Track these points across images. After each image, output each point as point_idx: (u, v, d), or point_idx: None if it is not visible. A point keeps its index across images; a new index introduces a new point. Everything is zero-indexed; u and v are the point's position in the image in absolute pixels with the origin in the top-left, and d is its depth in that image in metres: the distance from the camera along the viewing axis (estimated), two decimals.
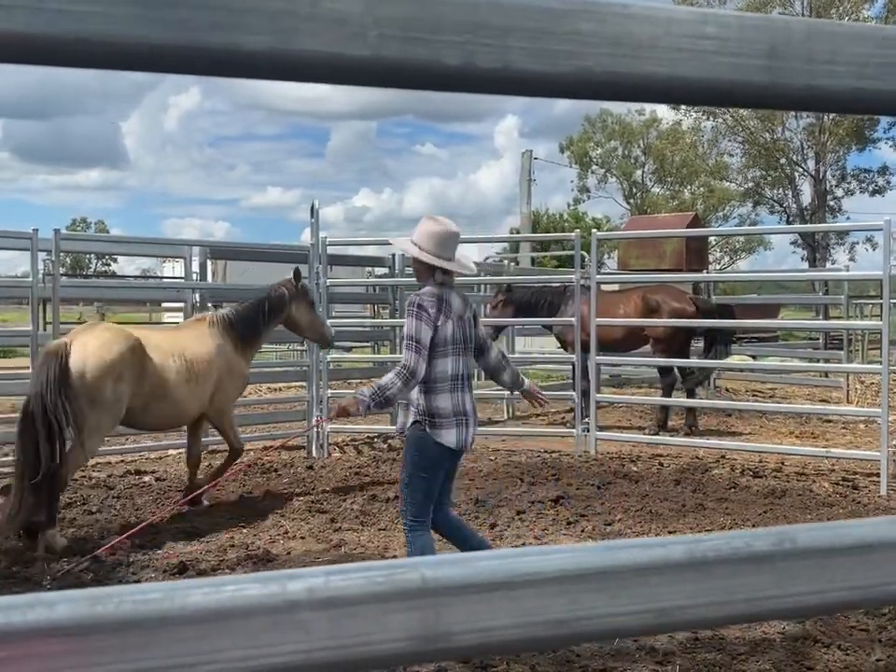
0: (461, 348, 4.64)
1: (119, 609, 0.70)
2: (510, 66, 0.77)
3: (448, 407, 4.56)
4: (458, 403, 4.59)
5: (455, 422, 4.57)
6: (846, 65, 0.84)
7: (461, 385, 4.63)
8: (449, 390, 4.57)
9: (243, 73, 0.74)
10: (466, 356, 4.69)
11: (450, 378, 4.58)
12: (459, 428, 4.58)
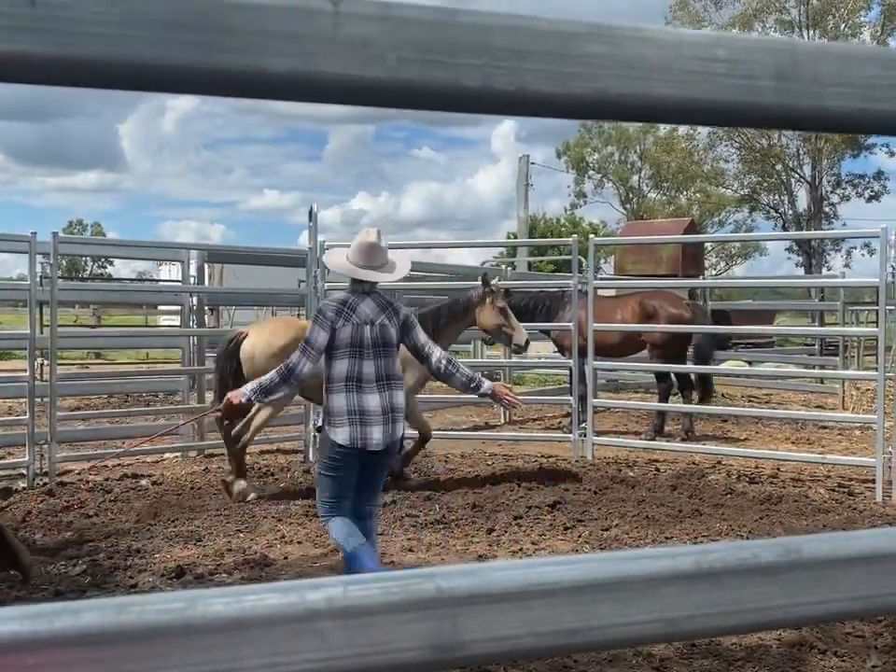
0: (365, 351, 4.90)
1: (142, 617, 0.71)
2: (525, 88, 0.79)
3: (342, 406, 4.83)
4: (354, 403, 4.83)
5: (348, 420, 4.81)
6: (852, 87, 0.86)
7: (359, 385, 4.86)
8: (344, 390, 4.84)
9: (265, 94, 0.75)
10: (372, 358, 4.92)
11: (345, 379, 4.86)
12: (353, 427, 4.80)
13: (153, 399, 14.51)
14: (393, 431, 4.91)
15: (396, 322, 5.04)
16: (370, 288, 5.07)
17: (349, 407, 4.83)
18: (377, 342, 4.95)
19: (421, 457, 9.95)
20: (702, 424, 12.32)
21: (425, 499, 7.80)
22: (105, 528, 6.85)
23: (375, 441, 4.85)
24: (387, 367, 4.97)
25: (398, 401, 4.97)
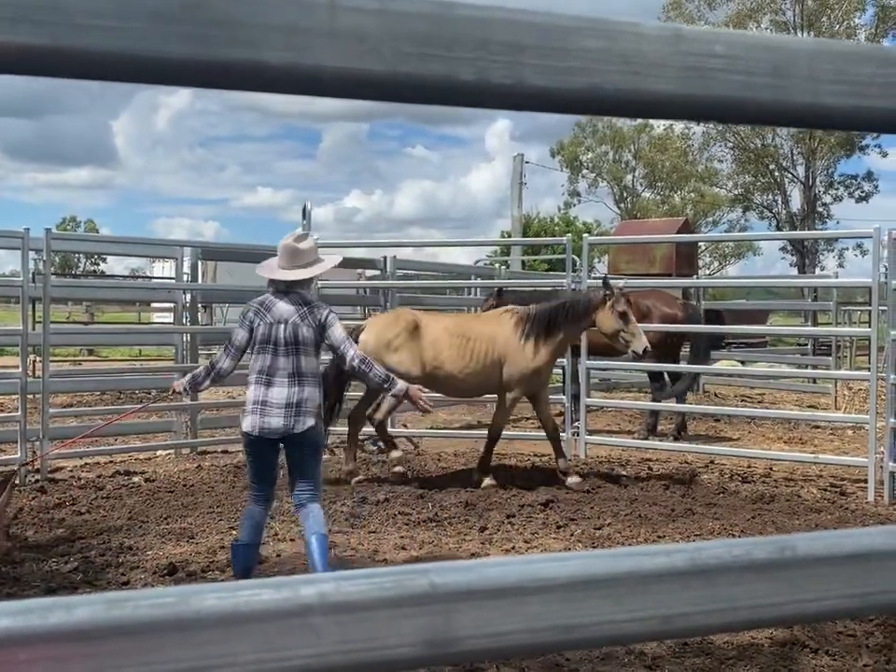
0: (278, 348, 5.23)
1: (135, 612, 0.71)
2: (522, 82, 0.78)
3: (250, 397, 5.24)
4: (260, 394, 5.19)
5: (251, 410, 5.20)
6: (848, 84, 0.86)
7: (269, 379, 5.21)
8: (255, 383, 5.23)
9: (261, 87, 0.75)
10: (283, 354, 5.22)
11: (258, 372, 5.25)
12: (255, 416, 5.18)
13: (146, 395, 14.49)
14: (296, 423, 5.15)
15: (311, 321, 5.28)
16: (285, 288, 5.35)
17: (255, 398, 5.20)
18: (290, 339, 5.23)
19: (414, 456, 9.96)
20: (694, 423, 12.34)
21: (417, 497, 7.80)
22: (96, 525, 6.84)
23: (272, 430, 5.14)
24: (299, 363, 5.23)
25: (306, 396, 5.21)
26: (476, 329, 8.40)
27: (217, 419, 11.35)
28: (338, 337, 5.32)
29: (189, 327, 10.56)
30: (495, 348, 8.25)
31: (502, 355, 8.25)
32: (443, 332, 8.34)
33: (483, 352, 8.24)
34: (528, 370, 8.23)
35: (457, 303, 19.22)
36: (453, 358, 8.25)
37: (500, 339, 8.27)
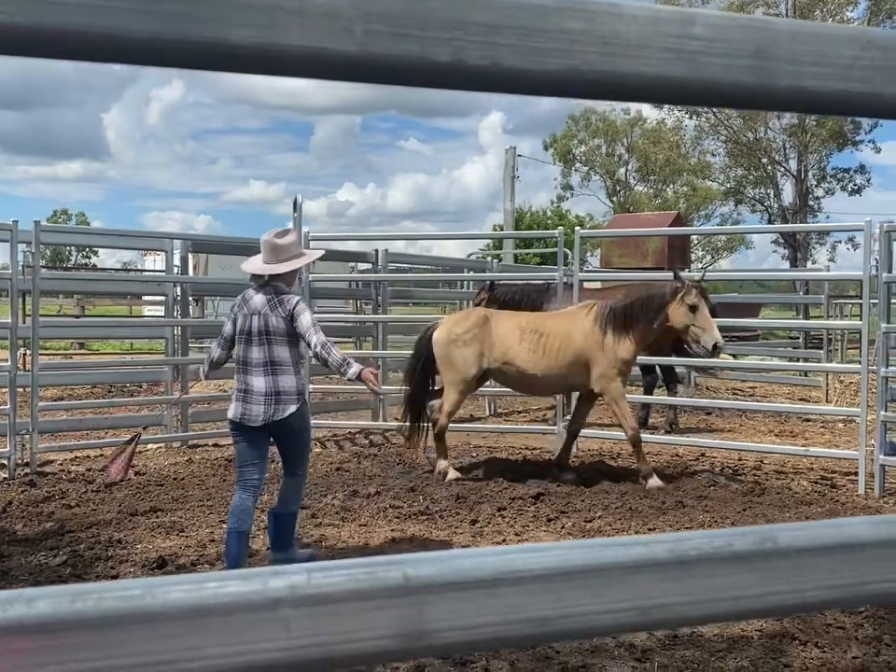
0: (253, 338, 5.48)
1: (99, 605, 0.69)
2: (498, 63, 0.77)
3: (235, 385, 5.53)
4: (242, 381, 5.47)
5: (236, 397, 5.49)
6: (831, 67, 0.85)
7: (246, 368, 5.48)
8: (237, 371, 5.52)
9: (230, 67, 0.73)
10: (258, 344, 5.47)
11: (238, 362, 5.54)
12: (238, 403, 5.46)
13: (137, 389, 14.45)
14: (276, 411, 5.40)
15: (281, 311, 5.49)
16: (263, 282, 5.62)
17: (237, 386, 5.50)
18: (262, 330, 5.47)
19: (405, 449, 9.95)
20: (686, 416, 12.35)
21: (408, 491, 7.79)
22: (86, 519, 6.81)
23: (253, 417, 5.42)
24: (272, 353, 5.46)
25: (283, 385, 5.44)
26: (550, 326, 8.26)
27: (207, 413, 11.31)
28: (303, 325, 5.49)
29: (179, 320, 10.51)
30: (571, 345, 8.10)
31: (582, 352, 8.09)
32: (515, 328, 8.26)
33: (557, 348, 8.10)
34: (618, 365, 8.07)
35: (449, 297, 19.21)
36: (524, 354, 8.15)
37: (578, 335, 8.12)
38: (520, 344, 8.18)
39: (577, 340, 8.09)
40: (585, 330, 8.09)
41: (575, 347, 8.08)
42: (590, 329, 8.08)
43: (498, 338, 8.25)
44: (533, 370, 8.15)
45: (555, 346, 8.10)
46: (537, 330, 8.19)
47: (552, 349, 8.11)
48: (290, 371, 5.48)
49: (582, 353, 8.07)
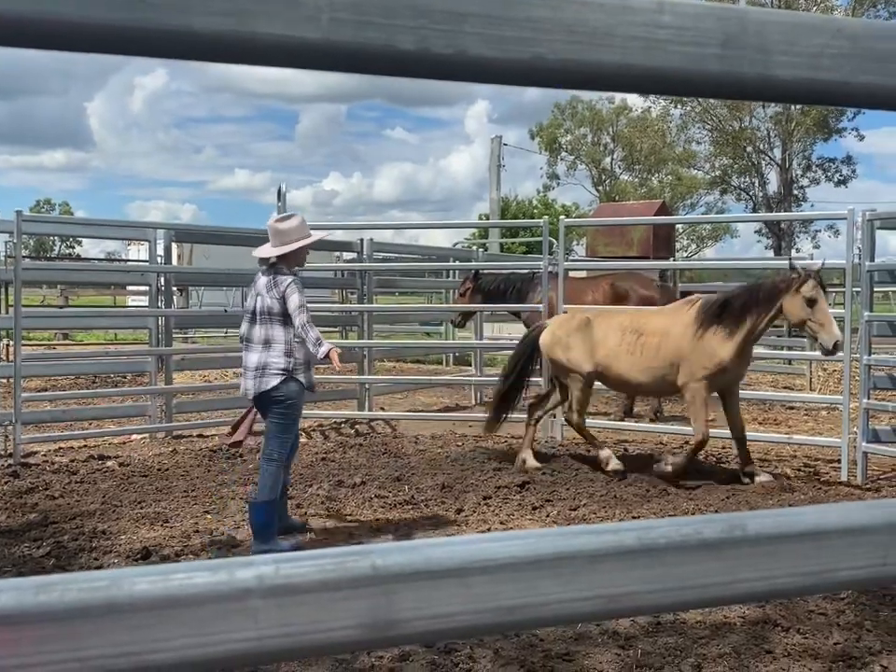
0: (255, 317, 5.93)
1: (64, 597, 0.69)
2: (464, 52, 0.76)
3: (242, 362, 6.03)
4: (244, 358, 5.95)
5: (243, 374, 5.99)
6: (800, 56, 0.85)
7: (248, 345, 5.95)
8: (243, 349, 6.01)
9: (195, 55, 0.72)
10: (258, 323, 5.90)
11: (243, 339, 6.04)
12: (243, 379, 6.01)
13: (121, 380, 14.40)
14: (259, 384, 5.82)
15: (276, 293, 5.87)
16: (266, 265, 6.05)
17: (243, 363, 6.01)
18: (262, 310, 5.90)
19: (391, 438, 9.96)
20: (670, 405, 12.39)
21: (394, 480, 7.80)
22: (70, 510, 6.79)
23: (247, 391, 5.94)
24: (267, 331, 5.86)
25: (271, 360, 5.81)
26: (651, 324, 7.83)
27: (191, 403, 11.28)
28: (291, 306, 5.84)
29: (162, 310, 10.47)
30: (669, 343, 7.62)
31: (677, 350, 7.59)
32: (615, 329, 7.93)
33: (655, 348, 7.66)
34: (709, 365, 7.47)
35: (435, 286, 19.21)
36: (622, 356, 7.82)
37: (674, 333, 7.62)
38: (619, 346, 7.85)
39: (675, 338, 7.60)
40: (684, 327, 7.56)
41: (673, 346, 7.60)
42: (689, 326, 7.53)
43: (599, 340, 7.98)
44: (630, 372, 7.83)
45: (653, 346, 7.68)
46: (637, 330, 7.81)
47: (650, 349, 7.70)
48: (281, 350, 5.82)
49: (680, 351, 7.57)
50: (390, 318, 16.07)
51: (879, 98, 0.89)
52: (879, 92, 0.87)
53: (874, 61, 0.86)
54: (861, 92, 0.87)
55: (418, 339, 19.50)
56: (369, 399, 11.42)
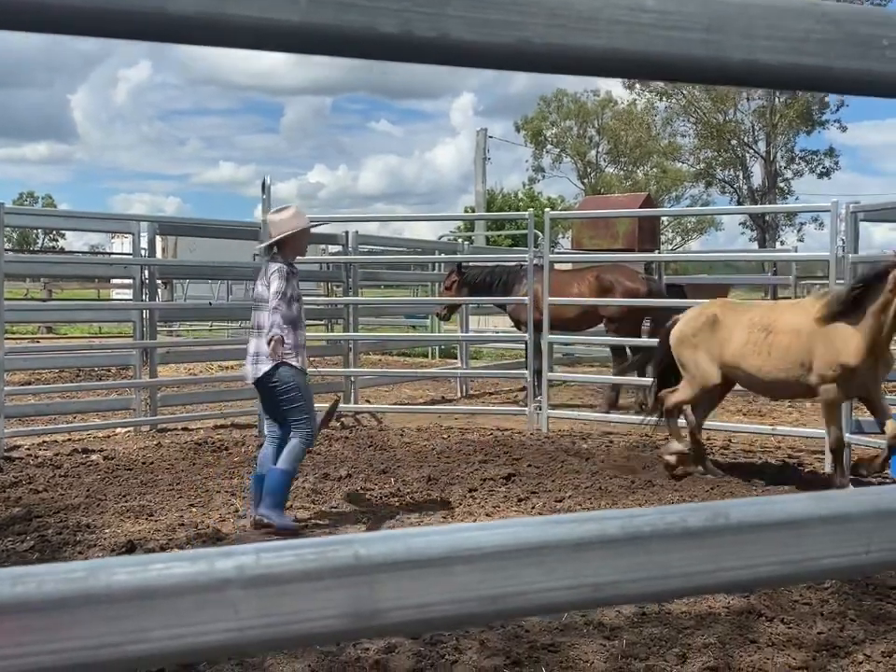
0: (255, 305, 6.28)
1: (40, 588, 0.68)
2: (447, 35, 0.75)
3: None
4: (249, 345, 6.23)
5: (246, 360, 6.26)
6: (785, 41, 0.84)
7: (251, 332, 6.29)
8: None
9: (171, 37, 0.71)
10: (256, 310, 6.23)
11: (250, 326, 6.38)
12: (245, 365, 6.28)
13: (105, 373, 14.32)
14: (255, 370, 6.08)
15: (266, 280, 6.14)
16: (270, 254, 6.31)
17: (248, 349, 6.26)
18: (256, 297, 6.28)
19: (377, 431, 9.95)
20: None
21: (380, 473, 7.79)
22: (54, 504, 6.75)
23: (248, 376, 6.24)
24: (260, 318, 6.13)
25: (262, 346, 6.03)
26: (781, 321, 7.08)
27: (176, 396, 11.24)
28: (270, 291, 6.07)
29: (146, 303, 10.42)
30: (799, 342, 6.86)
31: (809, 349, 6.83)
32: (743, 326, 7.21)
33: (785, 347, 6.92)
34: (838, 366, 6.72)
35: (420, 279, 19.19)
36: (748, 356, 7.13)
37: (805, 330, 6.85)
38: (745, 346, 7.16)
39: (805, 336, 6.86)
40: (812, 324, 6.82)
41: (803, 345, 6.86)
42: (816, 322, 6.79)
43: (724, 338, 7.32)
44: (758, 373, 7.15)
45: (783, 345, 6.95)
46: (766, 328, 7.08)
47: (779, 348, 6.97)
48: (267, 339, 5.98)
49: (811, 351, 6.82)
50: (376, 311, 16.05)
51: (862, 84, 0.88)
52: (863, 78, 0.87)
53: (858, 46, 0.86)
54: (844, 78, 0.87)
55: (404, 332, 19.50)
56: (354, 391, 11.41)
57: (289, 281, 6.10)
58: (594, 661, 4.10)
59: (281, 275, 6.06)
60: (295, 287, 6.22)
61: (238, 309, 16.72)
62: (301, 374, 6.14)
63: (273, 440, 6.32)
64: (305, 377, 6.27)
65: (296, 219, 6.23)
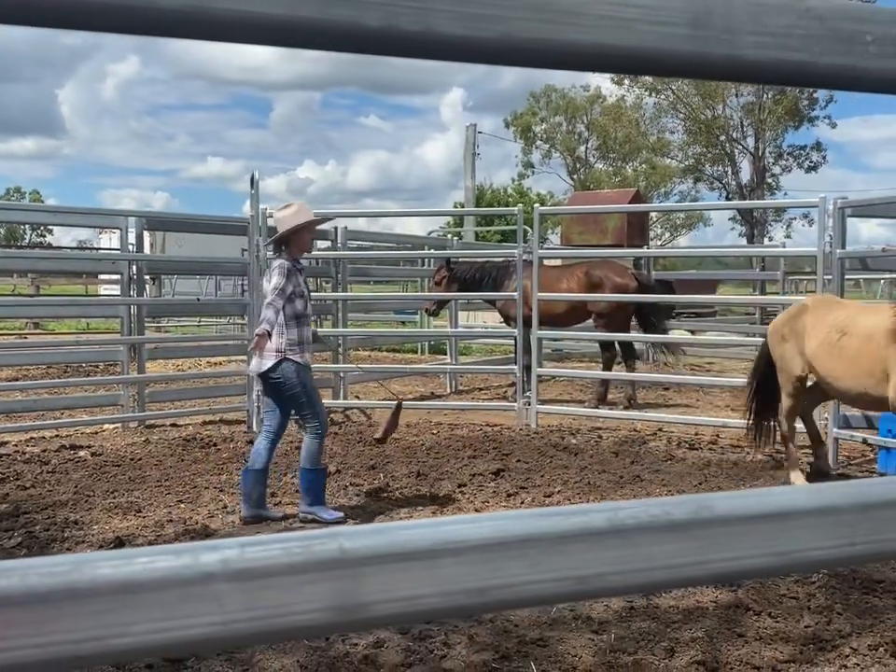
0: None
1: (24, 582, 0.68)
2: (432, 29, 0.75)
3: None
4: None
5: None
6: (769, 36, 0.84)
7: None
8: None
9: (152, 31, 0.71)
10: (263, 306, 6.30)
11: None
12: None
13: (93, 369, 14.27)
14: (259, 365, 6.16)
15: (267, 277, 6.31)
16: (278, 252, 6.44)
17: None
18: (263, 294, 6.40)
19: (366, 427, 9.94)
20: (644, 392, 12.47)
21: (369, 468, 7.79)
22: (41, 500, 6.73)
23: (251, 370, 6.56)
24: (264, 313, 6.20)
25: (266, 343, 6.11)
26: (858, 323, 6.45)
27: (164, 392, 11.20)
28: (267, 287, 6.21)
29: (134, 298, 10.38)
30: (869, 348, 6.25)
31: (880, 359, 6.16)
32: (824, 325, 6.62)
33: (855, 351, 6.33)
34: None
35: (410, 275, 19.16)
36: (822, 357, 6.59)
37: (880, 337, 6.18)
38: (820, 346, 6.61)
39: (877, 342, 6.21)
40: (888, 330, 6.15)
41: (873, 351, 6.23)
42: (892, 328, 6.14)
43: (806, 334, 6.77)
44: (830, 376, 6.57)
45: (852, 349, 6.38)
46: (843, 329, 6.47)
47: (849, 352, 6.40)
48: (274, 331, 6.06)
49: (884, 361, 6.15)
50: (365, 307, 16.03)
51: (846, 79, 0.89)
52: (847, 73, 0.87)
53: (842, 41, 0.86)
54: (829, 73, 0.87)
55: (393, 327, 19.48)
56: (343, 387, 11.40)
57: (290, 277, 6.15)
58: (582, 655, 4.11)
59: (281, 272, 6.13)
60: (299, 283, 6.26)
61: (227, 305, 16.68)
62: (304, 370, 6.22)
63: (267, 434, 6.35)
64: (309, 372, 6.35)
65: (299, 215, 6.28)
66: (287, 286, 6.13)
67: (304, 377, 6.22)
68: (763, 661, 4.05)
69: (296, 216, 6.27)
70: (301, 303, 6.25)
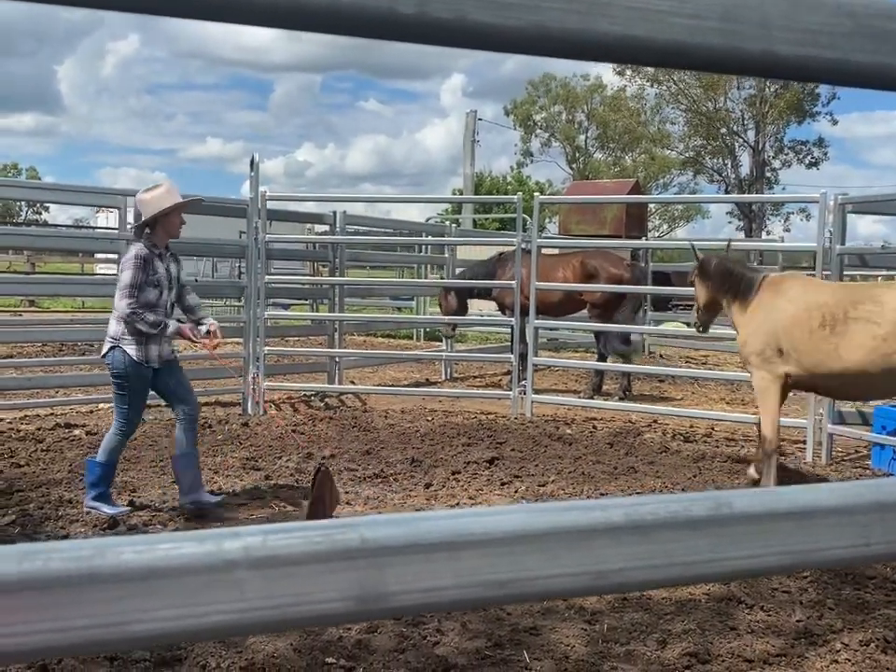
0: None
1: (47, 566, 0.68)
2: (464, 18, 0.75)
3: None
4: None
5: None
6: (800, 33, 0.84)
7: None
8: None
9: (162, 10, 0.70)
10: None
11: None
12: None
13: (88, 348, 14.24)
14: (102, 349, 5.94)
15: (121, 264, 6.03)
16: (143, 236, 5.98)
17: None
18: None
19: (361, 412, 9.95)
20: (639, 383, 12.49)
21: (364, 454, 7.80)
22: (36, 478, 6.73)
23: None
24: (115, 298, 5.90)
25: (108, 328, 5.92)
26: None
27: None
28: (119, 284, 5.86)
29: None
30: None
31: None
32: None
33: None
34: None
35: (407, 261, 19.15)
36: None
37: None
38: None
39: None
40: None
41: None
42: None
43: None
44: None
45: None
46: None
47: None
48: (114, 317, 5.83)
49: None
50: (361, 292, 16.02)
51: (877, 78, 0.88)
52: (878, 72, 0.87)
53: (873, 39, 0.86)
54: (859, 71, 0.87)
55: (389, 313, 19.47)
56: (339, 372, 11.39)
57: (145, 268, 5.72)
58: (574, 644, 4.12)
59: (136, 264, 5.71)
60: (156, 270, 5.80)
61: (224, 287, 16.64)
62: (135, 365, 5.76)
63: (179, 420, 6.10)
64: (144, 369, 5.82)
65: (167, 197, 5.82)
66: (139, 277, 5.69)
67: (133, 371, 5.76)
68: (754, 654, 4.07)
69: (164, 198, 5.79)
70: (155, 293, 5.79)
